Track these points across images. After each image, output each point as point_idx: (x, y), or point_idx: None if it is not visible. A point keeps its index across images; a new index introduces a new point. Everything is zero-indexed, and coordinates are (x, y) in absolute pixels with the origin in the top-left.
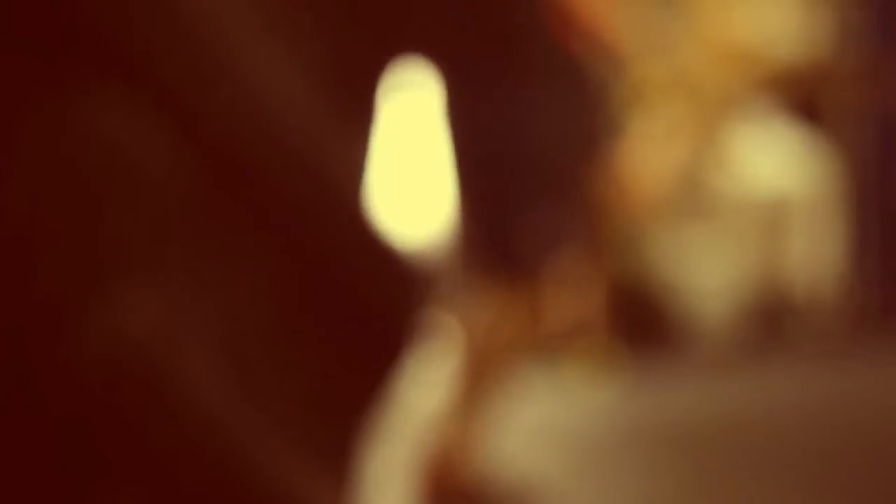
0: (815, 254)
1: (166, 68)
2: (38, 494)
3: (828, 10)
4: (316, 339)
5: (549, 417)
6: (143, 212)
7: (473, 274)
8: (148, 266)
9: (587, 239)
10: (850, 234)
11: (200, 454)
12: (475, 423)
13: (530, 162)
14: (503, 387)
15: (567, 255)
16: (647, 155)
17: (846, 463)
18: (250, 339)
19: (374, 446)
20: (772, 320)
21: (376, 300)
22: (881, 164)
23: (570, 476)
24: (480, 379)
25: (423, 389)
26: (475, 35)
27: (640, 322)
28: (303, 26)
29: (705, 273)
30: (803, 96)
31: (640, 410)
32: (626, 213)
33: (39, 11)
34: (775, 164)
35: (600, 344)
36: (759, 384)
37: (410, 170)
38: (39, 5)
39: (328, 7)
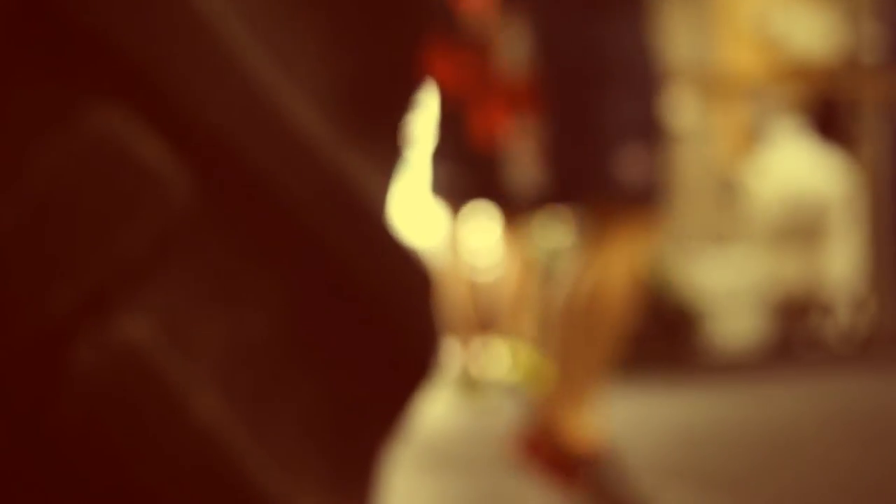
0: (842, 260)
1: (171, 80)
2: None
3: (850, 15)
4: (325, 354)
5: None
6: (146, 224)
7: (572, 211)
8: (151, 279)
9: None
10: (870, 241)
11: (200, 467)
12: (585, 391)
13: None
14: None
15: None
16: None
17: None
18: (256, 353)
19: (390, 463)
20: (798, 326)
21: (393, 314)
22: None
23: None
24: (592, 340)
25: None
26: None
27: (667, 328)
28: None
29: (732, 278)
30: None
31: (664, 415)
32: None
33: (45, 21)
34: (804, 172)
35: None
36: (785, 390)
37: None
38: (46, 15)
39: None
